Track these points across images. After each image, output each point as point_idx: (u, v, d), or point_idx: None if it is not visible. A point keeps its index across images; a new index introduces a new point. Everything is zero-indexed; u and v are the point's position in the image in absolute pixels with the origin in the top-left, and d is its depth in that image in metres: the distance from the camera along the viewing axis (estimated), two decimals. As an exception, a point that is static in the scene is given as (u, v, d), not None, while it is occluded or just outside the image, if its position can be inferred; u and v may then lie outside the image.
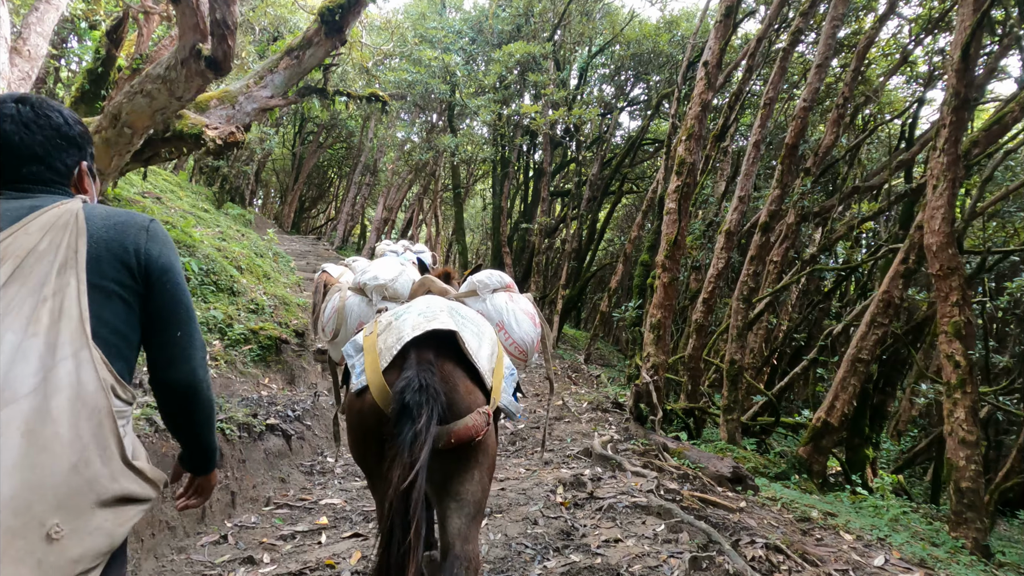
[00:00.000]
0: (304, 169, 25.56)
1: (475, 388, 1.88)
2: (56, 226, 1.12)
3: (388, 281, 2.62)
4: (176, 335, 1.27)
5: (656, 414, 6.96)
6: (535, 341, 2.60)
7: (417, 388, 1.69)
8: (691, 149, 7.44)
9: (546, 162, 14.44)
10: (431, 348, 1.87)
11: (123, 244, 1.19)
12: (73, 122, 1.31)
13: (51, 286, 1.07)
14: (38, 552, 0.94)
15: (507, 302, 2.51)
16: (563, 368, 10.97)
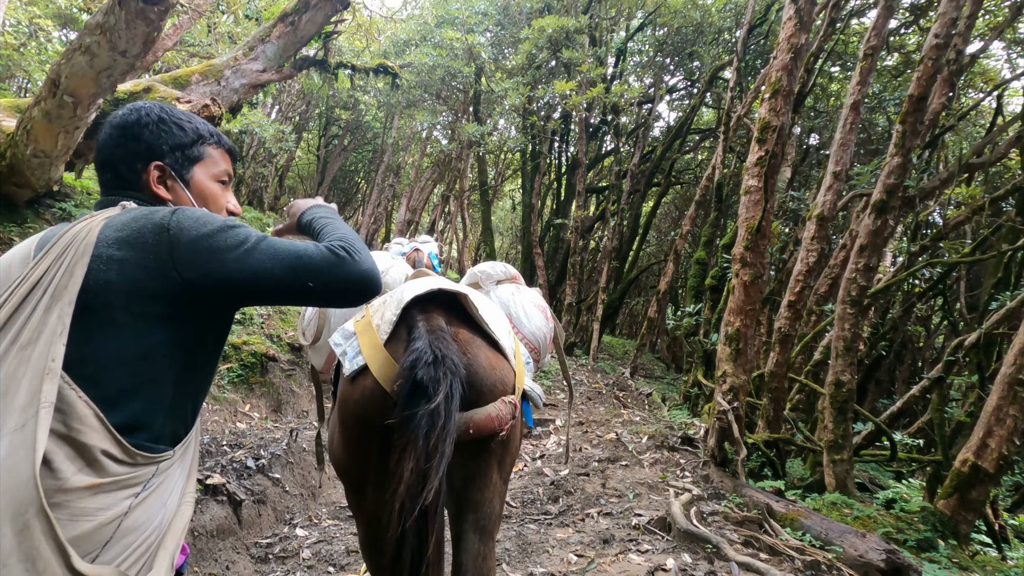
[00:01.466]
0: (329, 173, 24.43)
1: (499, 362, 1.57)
2: (70, 246, 0.97)
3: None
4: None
5: (740, 453, 5.20)
6: (547, 337, 2.21)
7: (431, 361, 1.34)
8: (778, 109, 5.68)
9: (581, 152, 12.76)
10: (441, 314, 1.55)
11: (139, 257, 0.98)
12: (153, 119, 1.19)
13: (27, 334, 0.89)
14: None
15: (514, 294, 2.23)
16: (607, 385, 9.24)
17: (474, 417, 1.45)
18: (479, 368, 1.50)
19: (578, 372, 9.69)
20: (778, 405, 6.74)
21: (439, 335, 1.44)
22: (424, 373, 1.33)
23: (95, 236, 0.99)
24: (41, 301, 0.92)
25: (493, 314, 1.72)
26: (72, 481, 0.87)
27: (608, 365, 11.99)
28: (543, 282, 14.46)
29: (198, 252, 1.00)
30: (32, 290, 0.93)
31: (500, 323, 1.71)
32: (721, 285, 9.19)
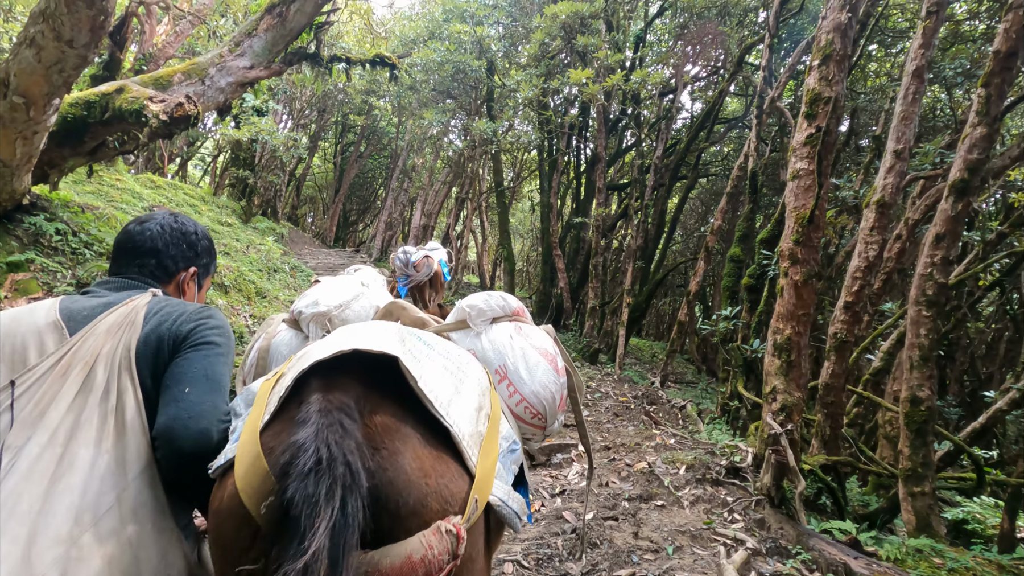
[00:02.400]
0: (345, 181, 24.05)
1: (441, 465, 0.99)
2: (123, 325, 1.14)
3: (332, 307, 1.73)
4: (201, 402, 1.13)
5: (798, 486, 4.31)
6: (557, 397, 1.63)
7: (311, 466, 0.83)
8: (830, 77, 4.77)
9: (600, 146, 11.90)
10: (354, 385, 1.01)
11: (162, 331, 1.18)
12: (196, 232, 1.49)
13: (114, 394, 1.07)
14: None
15: (513, 337, 1.61)
16: (635, 398, 8.36)
17: (380, 564, 0.88)
18: (398, 475, 0.95)
19: (603, 383, 8.83)
20: (835, 422, 5.80)
21: (335, 418, 0.92)
22: (297, 489, 0.83)
23: (138, 315, 1.18)
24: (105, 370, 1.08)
25: (460, 379, 1.19)
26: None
27: (636, 372, 11.09)
28: (564, 284, 13.63)
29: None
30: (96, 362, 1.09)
31: (469, 395, 1.17)
32: (760, 284, 8.25)
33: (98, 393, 1.06)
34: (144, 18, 11.40)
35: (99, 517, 0.98)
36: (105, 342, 1.11)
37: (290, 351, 1.74)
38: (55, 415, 1.03)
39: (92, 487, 0.99)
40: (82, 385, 1.06)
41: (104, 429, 1.04)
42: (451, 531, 0.93)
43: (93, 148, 6.15)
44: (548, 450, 5.50)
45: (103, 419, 1.05)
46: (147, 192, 12.15)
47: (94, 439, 1.02)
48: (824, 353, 5.99)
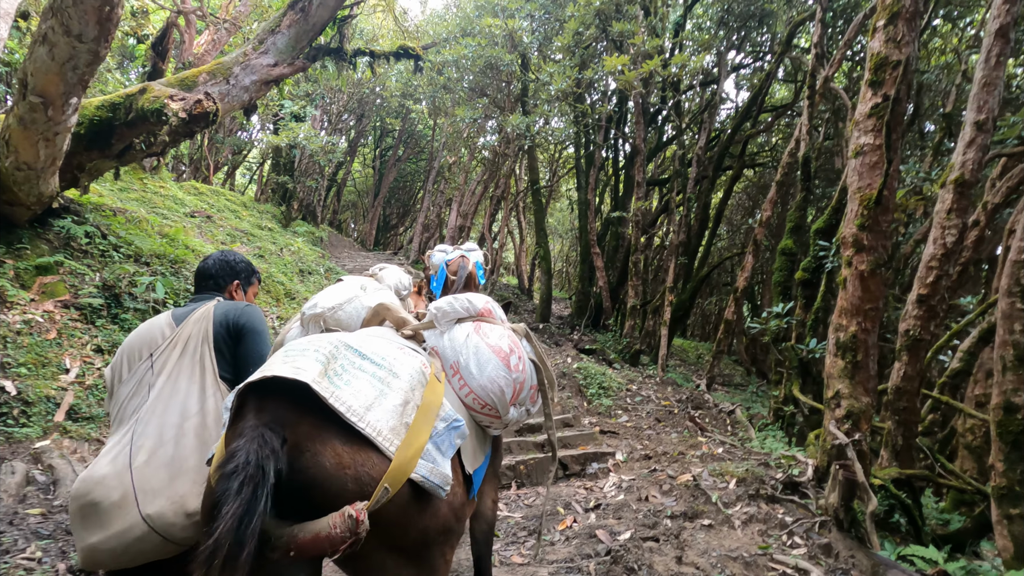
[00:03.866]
0: (383, 185, 24.19)
1: (359, 457, 1.28)
2: (202, 317, 1.95)
3: (326, 309, 2.02)
4: (249, 371, 1.67)
5: (869, 503, 3.73)
6: (507, 390, 1.83)
7: (230, 470, 1.13)
8: (899, 38, 4.17)
9: (639, 138, 11.34)
10: (283, 401, 1.29)
11: (225, 320, 1.95)
12: (236, 260, 2.30)
13: (198, 352, 1.89)
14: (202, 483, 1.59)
15: (469, 336, 1.90)
16: (679, 402, 7.79)
17: (296, 536, 1.17)
18: (318, 471, 1.23)
19: (644, 386, 8.30)
20: (908, 430, 5.13)
21: (258, 432, 1.19)
22: (220, 486, 1.12)
23: (211, 312, 1.97)
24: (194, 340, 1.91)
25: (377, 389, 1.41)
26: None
27: (679, 375, 10.47)
28: (603, 283, 13.11)
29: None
30: (189, 337, 1.91)
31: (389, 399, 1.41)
32: (815, 279, 7.56)
33: (189, 354, 1.87)
34: (184, 29, 11.60)
35: (191, 415, 1.77)
36: (193, 328, 1.92)
37: None
38: (169, 366, 1.85)
39: (189, 400, 1.80)
40: (182, 351, 1.88)
41: (193, 374, 1.85)
42: (352, 516, 1.18)
43: (120, 151, 6.11)
44: (583, 459, 5.06)
45: (192, 368, 1.85)
46: (189, 199, 12.35)
47: (188, 377, 1.84)
48: (892, 353, 5.32)
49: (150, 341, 1.92)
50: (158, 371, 1.84)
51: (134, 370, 1.87)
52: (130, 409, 1.79)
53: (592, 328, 13.55)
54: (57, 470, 3.68)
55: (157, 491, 1.59)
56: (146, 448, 1.66)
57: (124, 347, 1.94)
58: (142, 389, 1.81)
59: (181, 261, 6.27)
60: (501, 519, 4.20)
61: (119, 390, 1.87)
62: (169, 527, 1.57)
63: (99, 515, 1.57)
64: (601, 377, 7.55)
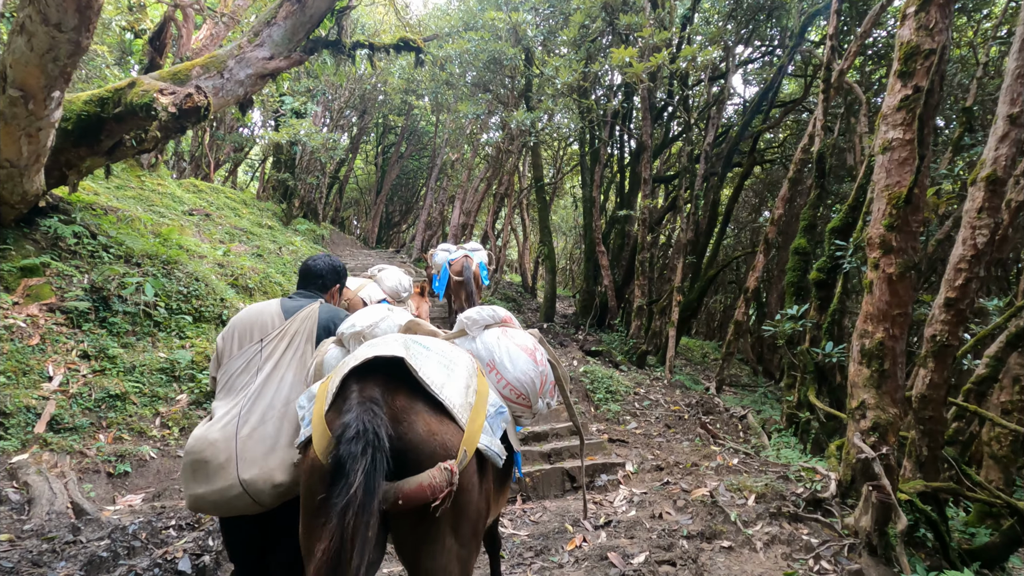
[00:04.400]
0: (386, 182, 23.93)
1: (443, 427, 1.58)
2: (308, 317, 2.25)
3: (366, 328, 2.24)
4: None
5: (898, 522, 3.48)
6: (536, 382, 2.17)
7: (352, 436, 1.39)
8: (932, 25, 3.89)
9: (646, 134, 11.05)
10: (378, 381, 1.59)
11: (328, 325, 2.26)
12: (338, 264, 2.58)
13: (301, 351, 2.17)
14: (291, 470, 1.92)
15: (499, 338, 2.23)
16: (689, 406, 7.53)
17: (403, 488, 1.43)
18: (414, 436, 1.51)
19: (652, 389, 8.03)
20: (933, 440, 4.86)
21: (367, 406, 1.46)
22: (344, 449, 1.36)
23: (316, 314, 2.27)
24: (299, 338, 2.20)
25: (451, 367, 1.76)
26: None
27: (687, 376, 10.20)
28: (608, 282, 12.83)
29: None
30: (296, 333, 2.20)
31: (458, 377, 1.74)
32: (830, 279, 7.27)
33: (294, 348, 2.17)
34: (181, 24, 11.35)
35: (291, 401, 2.05)
36: (300, 325, 2.22)
37: (336, 363, 2.15)
38: (276, 355, 2.14)
39: (291, 391, 2.08)
40: (288, 344, 2.17)
41: (295, 364, 2.15)
42: (447, 469, 1.50)
43: (111, 147, 5.87)
44: (591, 470, 4.81)
45: (296, 363, 2.15)
46: (188, 196, 12.12)
47: (292, 368, 2.14)
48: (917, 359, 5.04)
49: (261, 326, 2.21)
50: (266, 357, 2.13)
51: (244, 349, 2.16)
52: (239, 384, 2.10)
53: (597, 328, 13.28)
54: (33, 487, 3.44)
55: (254, 461, 1.91)
56: (250, 424, 1.97)
57: (236, 323, 2.25)
58: (251, 369, 2.12)
59: (174, 262, 6.03)
60: (506, 537, 3.95)
61: (229, 363, 2.17)
62: (259, 493, 1.89)
63: (207, 472, 1.92)
64: (608, 381, 7.30)
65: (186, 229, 9.81)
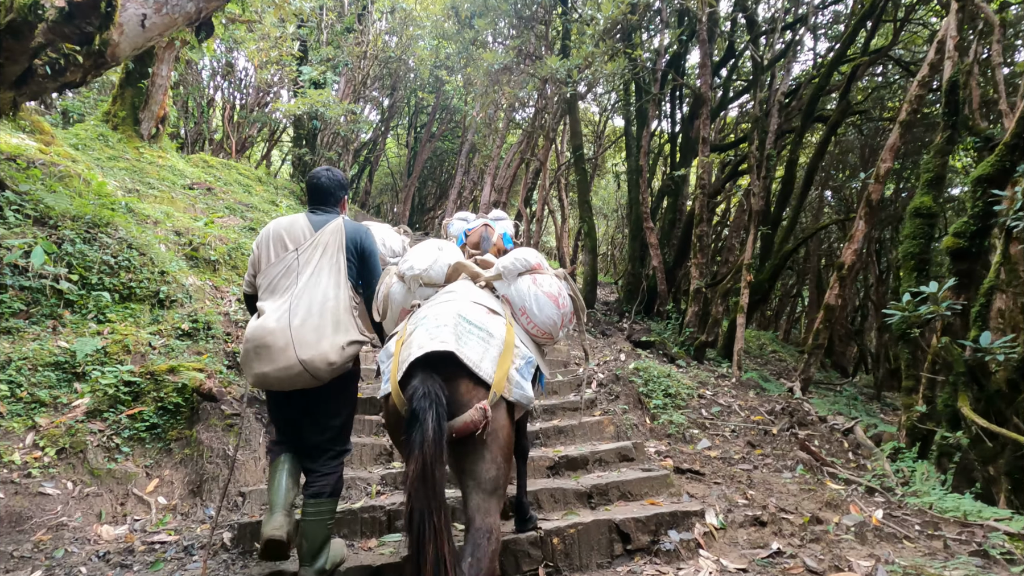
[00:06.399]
0: (417, 163, 22.50)
1: (476, 387, 2.11)
2: (336, 229, 2.62)
3: (422, 271, 2.73)
4: (372, 280, 2.74)
5: None
6: (558, 323, 2.68)
7: (421, 395, 1.95)
8: None
9: (704, 83, 9.09)
10: (435, 359, 2.07)
11: (355, 238, 2.67)
12: (342, 177, 2.83)
13: (335, 257, 2.58)
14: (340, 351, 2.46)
15: (530, 286, 2.65)
16: (771, 413, 5.67)
17: (455, 424, 2.00)
18: (458, 396, 2.07)
19: (720, 391, 6.20)
20: None
21: (428, 376, 2.01)
22: (417, 405, 1.93)
23: (343, 228, 2.66)
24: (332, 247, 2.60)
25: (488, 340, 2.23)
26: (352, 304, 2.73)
27: (755, 373, 8.28)
28: (658, 263, 10.93)
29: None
30: (328, 244, 2.59)
31: (492, 347, 2.22)
32: (974, 247, 5.27)
33: (328, 256, 2.58)
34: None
35: (329, 299, 2.50)
36: (330, 237, 2.61)
37: (401, 297, 2.74)
38: (314, 262, 2.55)
39: (328, 289, 2.52)
40: (322, 252, 2.57)
41: (331, 272, 2.56)
42: (482, 408, 2.02)
43: (18, 77, 4.46)
44: (653, 523, 3.08)
45: (331, 268, 2.57)
46: (193, 171, 10.88)
47: (327, 272, 2.55)
48: None
49: (294, 236, 2.60)
50: (304, 263, 2.55)
51: (281, 256, 2.57)
52: (282, 285, 2.53)
53: (644, 315, 11.42)
54: None
55: (309, 344, 2.39)
56: (300, 315, 2.43)
57: (269, 232, 2.65)
58: (291, 273, 2.54)
59: (103, 225, 4.60)
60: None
61: (269, 268, 2.58)
62: (316, 370, 2.40)
63: (270, 355, 2.38)
64: (665, 381, 5.52)
65: (176, 201, 8.50)
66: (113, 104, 10.44)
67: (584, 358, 2.94)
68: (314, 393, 2.50)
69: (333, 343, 2.42)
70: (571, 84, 8.58)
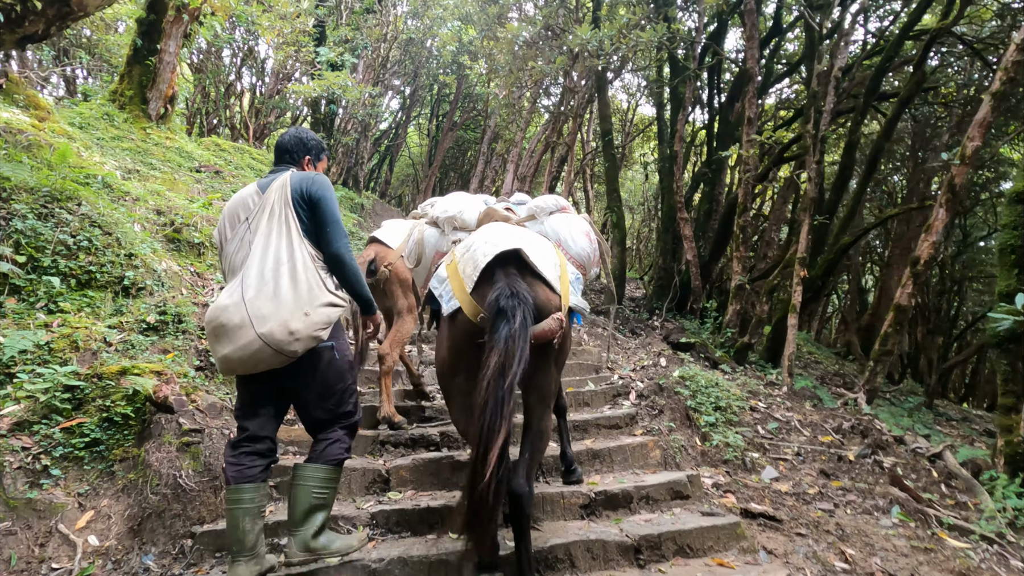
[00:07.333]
0: (439, 152, 21.77)
1: (551, 294, 2.25)
2: (281, 185, 2.32)
3: (456, 213, 2.88)
4: (327, 230, 2.30)
5: None
6: (591, 256, 2.86)
7: (510, 294, 2.04)
8: None
9: (751, 57, 8.14)
10: (510, 265, 2.23)
11: (300, 187, 2.32)
12: (308, 137, 2.60)
13: (283, 214, 2.27)
14: (303, 318, 2.14)
15: (562, 222, 2.84)
16: (838, 431, 4.77)
17: (535, 331, 2.09)
18: (538, 300, 2.16)
19: (773, 404, 5.30)
20: None
21: (513, 278, 2.14)
22: (505, 303, 2.02)
23: (288, 181, 2.33)
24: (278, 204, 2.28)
25: (543, 255, 2.34)
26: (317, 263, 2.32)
27: (808, 381, 7.34)
28: (692, 256, 10.01)
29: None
30: (273, 202, 2.29)
31: (549, 261, 2.33)
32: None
33: (276, 216, 2.27)
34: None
35: (283, 262, 2.20)
36: (275, 194, 2.31)
37: (435, 241, 2.92)
38: (263, 226, 2.26)
39: (280, 252, 2.22)
40: (269, 213, 2.27)
41: (281, 231, 2.25)
42: (558, 318, 2.18)
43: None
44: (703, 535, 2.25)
45: (280, 227, 2.26)
46: (204, 154, 10.28)
47: (277, 234, 2.24)
48: None
49: (243, 207, 2.36)
50: (254, 231, 2.28)
51: (236, 230, 2.33)
52: (238, 260, 2.27)
53: (676, 313, 10.51)
54: None
55: (265, 317, 2.11)
56: (252, 287, 2.16)
57: (225, 213, 2.40)
58: (244, 246, 2.27)
59: (64, 199, 3.92)
60: None
61: (227, 247, 2.34)
62: (279, 343, 2.11)
63: (227, 333, 2.14)
64: (715, 391, 4.65)
65: (178, 183, 7.88)
66: (120, 83, 9.86)
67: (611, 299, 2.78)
68: (288, 375, 2.23)
69: (294, 309, 2.15)
70: (604, 56, 7.69)
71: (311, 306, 2.16)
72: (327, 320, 2.20)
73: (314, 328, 2.15)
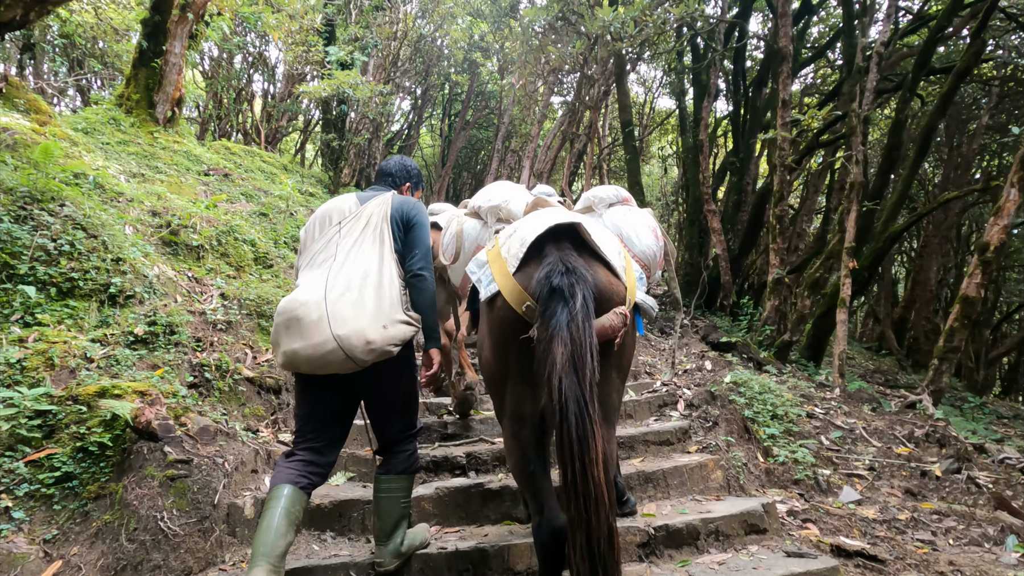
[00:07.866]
0: (452, 151, 21.33)
1: (615, 281, 1.83)
2: (383, 202, 2.38)
3: (502, 202, 2.61)
4: (416, 251, 2.33)
5: None
6: (656, 255, 2.50)
7: (564, 270, 1.64)
8: None
9: (784, 35, 7.56)
10: (564, 240, 1.81)
11: (401, 209, 2.38)
12: (411, 167, 2.69)
13: (379, 228, 2.31)
14: (381, 330, 2.11)
15: (625, 215, 2.47)
16: (910, 438, 4.20)
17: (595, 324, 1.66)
18: (599, 285, 1.74)
19: (830, 408, 4.75)
20: None
21: (567, 253, 1.73)
22: (559, 281, 1.61)
23: (390, 200, 2.40)
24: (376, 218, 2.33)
25: (605, 238, 1.95)
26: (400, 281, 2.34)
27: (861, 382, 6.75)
28: (721, 251, 9.45)
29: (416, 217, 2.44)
30: (372, 215, 2.34)
31: (612, 246, 1.94)
32: None
33: (371, 228, 2.32)
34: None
35: (371, 273, 2.21)
36: (375, 209, 2.36)
37: (476, 234, 2.65)
38: (355, 234, 2.29)
39: (370, 263, 2.23)
40: (365, 224, 2.32)
41: (374, 244, 2.28)
42: (621, 313, 1.75)
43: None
44: None
45: (373, 240, 2.29)
46: (213, 157, 9.95)
47: (370, 246, 2.27)
48: None
49: (338, 211, 2.39)
50: (344, 236, 2.30)
51: (324, 232, 2.35)
52: (320, 259, 2.28)
53: (704, 309, 9.94)
54: None
55: (345, 320, 2.07)
56: (337, 289, 2.14)
57: (317, 215, 2.43)
58: (331, 247, 2.29)
59: (46, 200, 3.53)
60: None
61: (311, 246, 2.35)
62: (352, 348, 2.06)
63: (301, 328, 2.08)
64: (770, 398, 4.12)
65: (184, 186, 7.55)
66: (126, 87, 9.57)
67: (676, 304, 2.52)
68: (352, 383, 2.22)
69: (374, 321, 2.13)
70: (628, 39, 7.17)
71: (390, 320, 2.16)
72: (403, 337, 2.19)
73: (389, 342, 2.13)
